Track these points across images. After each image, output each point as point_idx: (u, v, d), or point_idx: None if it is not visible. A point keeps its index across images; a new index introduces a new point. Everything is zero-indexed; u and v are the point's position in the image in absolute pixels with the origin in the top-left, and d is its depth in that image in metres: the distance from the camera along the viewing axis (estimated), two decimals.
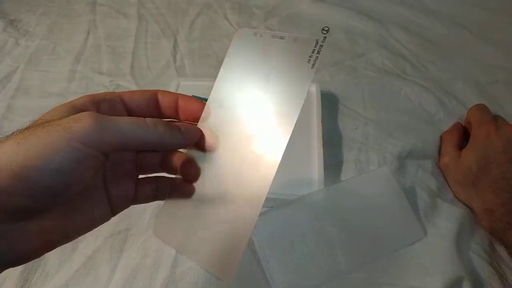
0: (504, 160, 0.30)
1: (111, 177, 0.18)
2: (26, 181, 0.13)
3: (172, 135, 0.16)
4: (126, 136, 0.15)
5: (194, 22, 0.52)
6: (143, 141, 0.15)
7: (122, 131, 0.14)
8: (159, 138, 0.16)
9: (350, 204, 0.29)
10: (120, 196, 0.18)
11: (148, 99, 0.18)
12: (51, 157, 0.13)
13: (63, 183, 0.13)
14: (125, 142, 0.15)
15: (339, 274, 0.26)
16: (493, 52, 0.46)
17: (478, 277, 0.27)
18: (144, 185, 0.19)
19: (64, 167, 0.13)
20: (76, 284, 0.26)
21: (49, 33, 0.50)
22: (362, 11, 0.52)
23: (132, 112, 0.18)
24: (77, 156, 0.13)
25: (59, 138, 0.13)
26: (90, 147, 0.14)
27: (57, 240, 0.15)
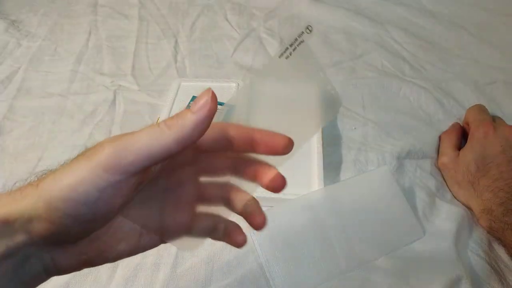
0: (502, 160, 0.30)
1: (168, 204, 0.17)
2: (56, 211, 0.13)
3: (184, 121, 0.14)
4: (144, 150, 0.14)
5: (194, 23, 0.52)
6: (163, 147, 0.14)
7: (139, 146, 0.14)
8: (176, 135, 0.14)
9: (349, 204, 0.29)
10: (174, 226, 0.17)
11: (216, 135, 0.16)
12: (76, 187, 0.13)
13: (90, 212, 0.14)
14: (147, 155, 0.14)
15: (339, 274, 0.26)
16: (492, 53, 0.46)
17: (477, 276, 0.27)
18: (201, 218, 0.18)
19: (89, 196, 0.13)
20: (77, 283, 0.26)
21: (50, 34, 0.51)
22: (361, 12, 0.52)
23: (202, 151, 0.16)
24: (99, 183, 0.13)
25: (84, 167, 0.14)
26: (112, 173, 0.13)
27: (96, 261, 0.16)
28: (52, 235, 0.14)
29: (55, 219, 0.13)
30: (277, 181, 0.16)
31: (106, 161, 0.13)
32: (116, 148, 0.14)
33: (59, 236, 0.14)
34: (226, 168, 0.17)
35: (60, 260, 0.15)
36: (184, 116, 0.14)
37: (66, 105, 0.41)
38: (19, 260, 0.14)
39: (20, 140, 0.37)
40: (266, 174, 0.16)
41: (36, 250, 0.14)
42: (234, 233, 0.17)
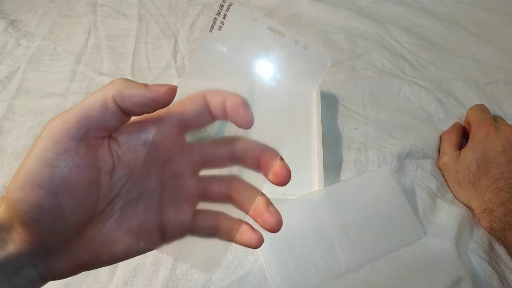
0: (503, 160, 0.30)
1: (167, 201, 0.16)
2: (18, 204, 0.13)
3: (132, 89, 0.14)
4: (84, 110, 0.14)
5: (194, 23, 0.52)
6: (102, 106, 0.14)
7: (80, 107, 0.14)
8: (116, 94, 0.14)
9: (349, 204, 0.29)
10: (175, 223, 0.16)
11: (200, 106, 0.15)
12: (26, 169, 0.13)
13: (50, 195, 0.13)
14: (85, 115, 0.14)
15: (339, 274, 0.26)
16: (492, 53, 0.46)
17: (478, 276, 0.27)
18: (203, 216, 0.16)
19: (41, 174, 0.13)
20: (76, 283, 0.26)
21: (50, 34, 0.51)
22: (361, 12, 0.52)
23: (188, 126, 0.16)
24: (47, 156, 0.13)
25: (32, 147, 0.14)
26: (56, 141, 0.13)
27: (93, 265, 0.15)
28: (34, 240, 0.13)
29: (22, 216, 0.13)
30: (281, 174, 0.15)
31: (50, 132, 0.13)
32: (60, 116, 0.14)
33: (41, 239, 0.14)
34: (226, 158, 0.16)
35: (54, 267, 0.15)
36: (137, 83, 0.14)
37: (66, 105, 0.41)
38: (11, 270, 0.14)
39: (20, 140, 0.37)
40: (268, 164, 0.15)
41: (27, 260, 0.14)
42: (246, 232, 0.15)
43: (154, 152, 0.15)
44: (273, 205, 0.15)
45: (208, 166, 0.16)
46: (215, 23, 0.14)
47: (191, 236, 0.16)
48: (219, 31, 0.14)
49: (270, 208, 0.15)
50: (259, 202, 0.15)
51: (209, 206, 0.16)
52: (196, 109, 0.15)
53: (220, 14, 0.14)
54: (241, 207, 0.16)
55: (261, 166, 0.15)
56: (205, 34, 0.15)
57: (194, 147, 0.16)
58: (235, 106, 0.15)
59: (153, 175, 0.15)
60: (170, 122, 0.15)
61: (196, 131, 0.16)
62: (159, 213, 0.16)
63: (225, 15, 0.14)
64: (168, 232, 0.16)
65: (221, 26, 0.14)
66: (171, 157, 0.16)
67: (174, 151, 0.16)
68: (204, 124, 0.16)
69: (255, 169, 0.16)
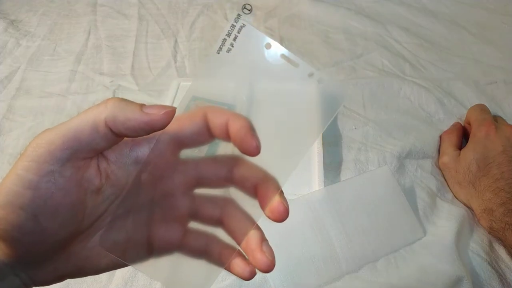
0: (503, 160, 0.30)
1: (156, 218, 0.15)
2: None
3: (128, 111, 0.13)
4: (72, 131, 0.13)
5: (194, 23, 0.52)
6: (92, 126, 0.13)
7: (67, 128, 0.13)
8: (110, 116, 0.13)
9: (349, 204, 0.29)
10: (163, 240, 0.15)
11: (199, 125, 0.14)
12: (7, 189, 0.13)
13: (31, 217, 0.13)
14: (73, 136, 0.13)
15: (339, 274, 0.26)
16: (492, 53, 0.46)
17: (478, 276, 0.27)
18: (193, 236, 0.15)
19: (22, 196, 0.13)
20: (76, 283, 0.26)
21: (50, 34, 0.51)
22: (361, 12, 0.52)
23: (184, 145, 0.15)
24: (29, 178, 0.13)
25: (14, 166, 0.13)
26: (41, 162, 0.13)
27: (78, 275, 0.15)
28: (15, 254, 0.13)
29: (2, 234, 0.13)
30: (279, 211, 0.13)
31: (34, 151, 0.13)
32: (46, 135, 0.13)
33: (22, 255, 0.13)
34: (222, 178, 0.15)
35: (37, 277, 0.14)
36: (132, 105, 0.13)
37: (66, 105, 0.41)
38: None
39: (20, 140, 0.37)
40: (266, 196, 0.14)
41: (9, 269, 0.14)
42: (238, 264, 0.14)
43: (146, 172, 0.15)
44: (267, 242, 0.14)
45: (202, 185, 0.15)
46: (223, 44, 0.13)
47: (179, 255, 0.15)
48: (227, 53, 0.13)
49: (263, 247, 0.14)
50: (253, 236, 0.14)
51: (201, 227, 0.15)
52: (195, 128, 0.14)
53: (230, 35, 0.13)
54: (233, 236, 0.15)
55: (258, 196, 0.14)
56: (211, 54, 0.13)
57: (189, 164, 0.15)
58: (240, 130, 0.13)
59: (143, 192, 0.15)
60: (164, 140, 0.14)
61: (192, 149, 0.15)
62: (147, 230, 0.15)
63: (236, 37, 0.13)
64: (155, 249, 0.15)
65: (230, 48, 0.13)
66: (164, 176, 0.15)
67: (167, 170, 0.15)
68: (202, 143, 0.15)
69: (252, 195, 0.15)
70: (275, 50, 0.13)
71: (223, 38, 0.13)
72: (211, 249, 0.15)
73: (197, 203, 0.15)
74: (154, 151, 0.14)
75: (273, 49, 0.13)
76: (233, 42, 0.13)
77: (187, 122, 0.14)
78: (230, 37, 0.13)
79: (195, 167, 0.15)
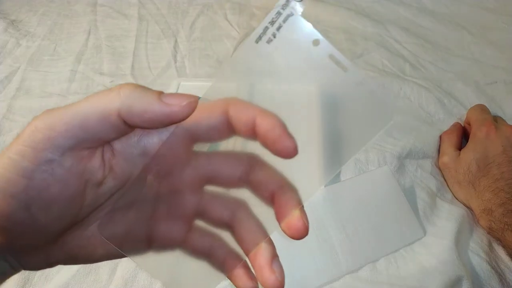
0: (503, 160, 0.30)
1: (160, 213, 0.14)
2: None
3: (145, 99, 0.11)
4: (78, 117, 0.11)
5: (194, 23, 0.52)
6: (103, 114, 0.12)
7: (73, 113, 0.11)
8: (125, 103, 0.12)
9: (349, 204, 0.29)
10: (165, 236, 0.14)
11: (219, 119, 0.13)
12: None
13: (23, 207, 0.12)
14: (80, 124, 0.12)
15: (339, 274, 0.26)
16: (493, 53, 0.46)
17: (477, 276, 0.27)
18: (198, 234, 0.14)
19: (15, 184, 0.11)
20: (76, 284, 0.26)
21: (50, 34, 0.51)
22: (361, 12, 0.52)
23: (199, 139, 0.13)
24: (24, 166, 0.11)
25: (6, 150, 0.12)
26: (39, 149, 0.11)
27: (70, 263, 0.14)
28: (4, 242, 0.12)
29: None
30: (297, 228, 0.12)
31: (32, 135, 0.11)
32: (47, 118, 0.11)
33: (12, 244, 0.12)
34: (236, 178, 0.13)
35: (27, 264, 0.13)
36: (150, 94, 0.12)
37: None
38: None
39: None
40: (284, 209, 0.12)
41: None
42: (241, 278, 0.13)
43: (154, 164, 0.13)
44: (278, 259, 0.13)
45: (214, 183, 0.14)
46: (264, 33, 0.11)
47: (180, 253, 0.14)
48: (267, 44, 0.11)
49: (273, 265, 0.12)
50: (263, 251, 0.13)
51: (207, 226, 0.14)
52: (213, 122, 0.13)
53: (274, 23, 0.11)
54: (242, 244, 0.13)
55: (275, 206, 0.13)
56: (248, 42, 0.11)
57: (201, 159, 0.14)
58: (274, 128, 0.12)
59: (150, 185, 0.13)
60: (178, 133, 0.13)
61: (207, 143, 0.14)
62: (150, 224, 0.14)
63: (280, 26, 0.11)
64: (156, 244, 0.14)
65: (272, 39, 0.11)
66: (173, 170, 0.14)
67: (178, 164, 0.14)
68: (219, 139, 0.13)
69: (268, 203, 0.13)
70: (324, 49, 0.11)
71: (265, 26, 0.11)
72: (216, 252, 0.14)
73: (206, 202, 0.14)
74: (167, 144, 0.13)
75: (322, 47, 0.11)
76: (276, 32, 0.11)
77: (206, 115, 0.13)
78: (273, 26, 0.11)
79: (208, 163, 0.14)
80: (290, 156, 0.12)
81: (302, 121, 0.13)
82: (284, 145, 0.12)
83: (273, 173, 0.13)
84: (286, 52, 0.12)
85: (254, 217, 0.13)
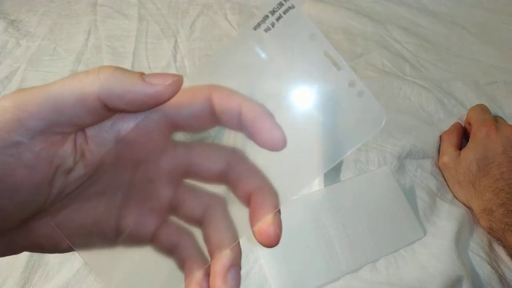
0: (503, 160, 0.30)
1: (132, 205, 0.13)
2: None
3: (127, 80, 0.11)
4: (52, 98, 0.11)
5: (194, 23, 0.52)
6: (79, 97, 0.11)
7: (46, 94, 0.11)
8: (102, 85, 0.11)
9: (349, 204, 0.29)
10: (134, 231, 0.13)
11: (201, 106, 0.12)
12: None
13: None
14: (53, 106, 0.11)
15: (339, 274, 0.26)
16: (493, 53, 0.46)
17: (478, 277, 0.27)
18: (168, 229, 0.13)
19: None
20: (76, 284, 0.26)
21: (50, 34, 0.51)
22: (361, 12, 0.52)
23: (178, 127, 0.13)
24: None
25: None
26: (6, 130, 0.10)
27: (36, 251, 0.13)
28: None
29: None
30: (268, 234, 0.11)
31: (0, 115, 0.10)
32: (18, 97, 0.10)
33: None
34: (215, 174, 0.13)
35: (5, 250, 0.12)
36: (131, 74, 0.11)
37: None
38: None
39: None
40: (258, 212, 0.11)
41: None
42: (197, 279, 0.12)
43: (125, 150, 0.12)
44: (236, 270, 0.12)
45: (191, 176, 0.13)
46: (264, 21, 0.11)
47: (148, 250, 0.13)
48: (264, 32, 0.11)
49: (229, 274, 0.11)
50: (223, 256, 0.12)
51: (179, 222, 0.13)
52: (195, 109, 0.12)
53: (274, 13, 0.11)
54: (208, 246, 0.12)
55: (250, 207, 0.12)
56: (245, 28, 0.11)
57: (179, 149, 0.13)
58: (260, 118, 0.11)
59: (122, 173, 0.12)
60: (154, 118, 0.12)
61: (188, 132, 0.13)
62: (119, 215, 0.13)
63: (280, 17, 0.11)
64: (124, 238, 0.13)
65: (270, 28, 0.11)
66: (148, 158, 0.13)
67: (153, 152, 0.13)
68: (200, 129, 0.13)
69: (244, 203, 0.12)
70: (319, 44, 0.11)
71: (265, 15, 0.11)
72: (181, 250, 0.13)
73: (181, 195, 0.13)
74: (139, 128, 0.12)
75: (317, 42, 0.11)
76: (275, 22, 0.11)
77: (186, 101, 0.12)
78: (273, 15, 0.11)
79: (186, 154, 0.13)
80: (278, 148, 0.11)
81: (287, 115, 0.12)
82: (272, 136, 0.11)
83: (254, 171, 0.12)
84: (282, 43, 0.12)
85: (228, 217, 0.13)
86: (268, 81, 0.12)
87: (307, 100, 0.12)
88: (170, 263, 0.13)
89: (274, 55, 0.12)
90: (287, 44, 0.12)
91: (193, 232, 0.13)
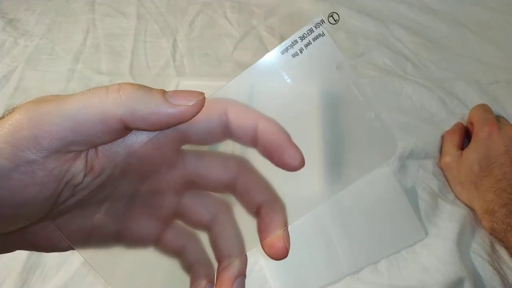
0: (506, 160, 0.30)
1: (135, 212, 0.13)
2: None
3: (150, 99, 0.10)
4: (71, 117, 0.10)
5: (193, 21, 0.51)
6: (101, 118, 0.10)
7: (65, 112, 0.10)
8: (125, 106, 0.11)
9: (350, 205, 0.29)
10: (136, 237, 0.13)
11: (216, 122, 0.12)
12: None
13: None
14: (72, 126, 0.10)
15: (340, 275, 0.26)
16: (495, 52, 0.45)
17: (479, 277, 0.27)
18: (173, 231, 0.13)
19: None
20: (75, 284, 0.26)
21: (48, 33, 0.50)
22: (362, 10, 0.51)
23: (191, 141, 0.13)
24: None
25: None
26: (20, 148, 0.10)
27: (31, 250, 0.13)
28: None
29: None
30: (277, 248, 0.11)
31: (15, 130, 0.10)
32: (32, 115, 0.10)
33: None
34: (222, 184, 0.13)
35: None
36: (154, 94, 0.11)
37: None
38: None
39: None
40: (268, 227, 0.12)
41: None
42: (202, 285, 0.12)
43: (135, 162, 0.12)
44: (243, 279, 0.12)
45: (199, 186, 0.13)
46: (292, 46, 0.11)
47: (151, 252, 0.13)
48: (292, 57, 0.11)
49: (235, 284, 0.12)
50: (231, 266, 0.12)
51: (186, 226, 0.13)
52: (210, 125, 0.12)
53: (304, 39, 0.11)
54: (215, 251, 0.12)
55: (259, 220, 0.12)
56: (274, 51, 0.11)
57: (188, 159, 0.13)
58: (278, 138, 0.11)
59: (128, 183, 0.12)
60: (169, 133, 0.12)
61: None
62: (121, 221, 0.13)
63: (309, 43, 0.11)
64: (125, 240, 0.13)
65: (298, 53, 0.11)
66: (156, 170, 0.13)
67: (163, 165, 0.13)
68: (213, 142, 0.13)
69: (252, 214, 0.12)
70: (345, 75, 0.12)
71: (295, 40, 0.11)
72: (187, 253, 0.13)
73: (187, 202, 0.13)
74: (152, 143, 0.12)
75: (344, 73, 0.12)
76: (304, 48, 0.11)
77: (203, 115, 0.12)
78: (303, 41, 0.11)
79: (195, 164, 0.13)
80: (296, 169, 0.11)
81: (303, 133, 0.12)
82: (290, 157, 0.11)
83: (263, 183, 0.12)
84: (309, 70, 0.12)
85: (235, 225, 0.13)
86: (289, 104, 0.12)
87: (324, 127, 0.12)
88: (174, 264, 0.13)
89: (299, 81, 0.12)
90: (313, 71, 0.12)
91: (199, 236, 0.13)
